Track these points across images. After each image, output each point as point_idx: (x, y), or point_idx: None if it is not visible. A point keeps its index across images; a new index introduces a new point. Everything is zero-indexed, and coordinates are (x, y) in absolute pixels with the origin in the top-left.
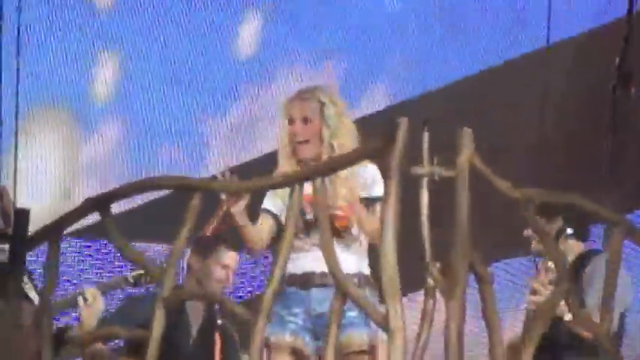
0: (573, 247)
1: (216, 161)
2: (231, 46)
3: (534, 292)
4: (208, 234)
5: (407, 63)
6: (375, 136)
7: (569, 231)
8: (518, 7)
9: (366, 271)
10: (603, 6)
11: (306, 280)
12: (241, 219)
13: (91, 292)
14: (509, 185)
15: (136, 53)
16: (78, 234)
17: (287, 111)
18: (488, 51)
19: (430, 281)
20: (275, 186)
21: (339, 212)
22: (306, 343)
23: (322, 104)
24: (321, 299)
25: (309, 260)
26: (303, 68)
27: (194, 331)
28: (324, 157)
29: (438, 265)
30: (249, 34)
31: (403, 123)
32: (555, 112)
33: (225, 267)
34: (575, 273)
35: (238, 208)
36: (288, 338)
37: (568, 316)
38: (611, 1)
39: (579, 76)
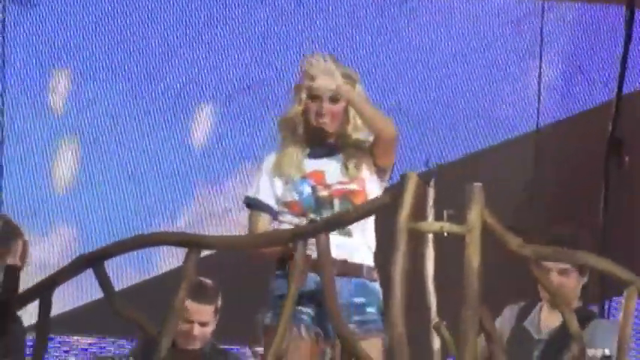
0: None
1: (163, 263)
2: (184, 141)
3: None
4: None
5: None
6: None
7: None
8: (507, 91)
9: (372, 262)
10: (591, 89)
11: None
12: None
13: None
14: (520, 242)
15: (95, 147)
16: None
17: (317, 86)
18: (477, 135)
19: (436, 344)
20: (271, 243)
21: (354, 187)
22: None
23: (353, 82)
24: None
25: None
26: (251, 166)
27: None
28: (348, 132)
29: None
30: (202, 128)
31: (412, 177)
32: (547, 188)
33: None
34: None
35: None
36: (304, 333)
37: None
38: (600, 85)
39: (570, 153)
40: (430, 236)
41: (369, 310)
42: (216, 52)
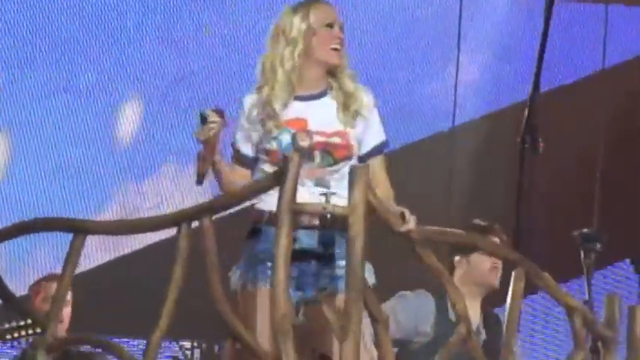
0: None
1: (93, 254)
2: (109, 137)
3: None
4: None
5: None
6: None
7: None
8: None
9: None
10: (505, 89)
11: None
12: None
13: None
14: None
15: (18, 143)
16: None
17: (325, 15)
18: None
19: None
20: (157, 227)
21: (336, 140)
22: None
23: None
24: (310, 244)
25: (301, 194)
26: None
27: None
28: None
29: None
30: (127, 124)
31: (294, 159)
32: (466, 181)
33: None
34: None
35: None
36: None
37: None
38: (514, 85)
39: (487, 149)
40: None
41: (339, 262)
42: (143, 47)
